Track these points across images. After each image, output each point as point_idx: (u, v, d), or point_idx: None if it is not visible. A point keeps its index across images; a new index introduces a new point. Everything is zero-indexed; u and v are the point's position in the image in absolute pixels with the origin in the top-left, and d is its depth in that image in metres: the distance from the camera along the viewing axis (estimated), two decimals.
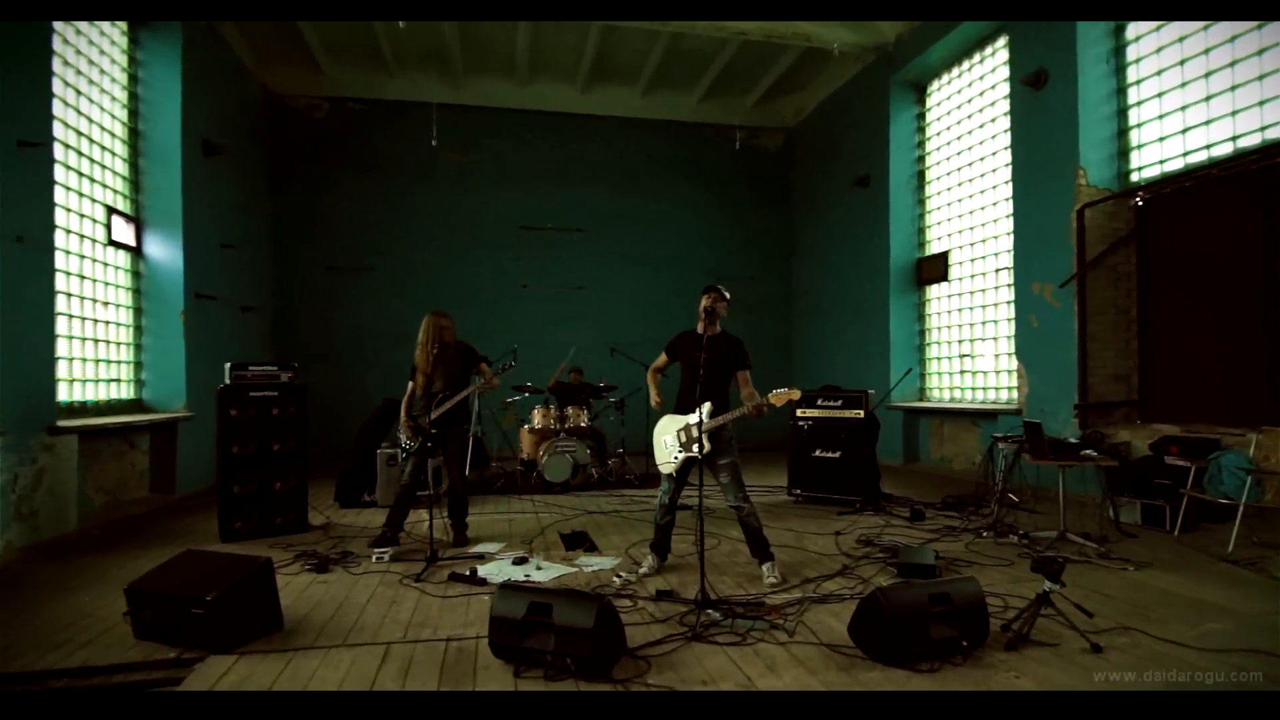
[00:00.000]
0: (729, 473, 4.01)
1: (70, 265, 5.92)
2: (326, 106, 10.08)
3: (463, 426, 4.98)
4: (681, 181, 11.07)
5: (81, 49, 6.11)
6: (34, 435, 4.77)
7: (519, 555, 4.38)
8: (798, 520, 5.58)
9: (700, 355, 3.97)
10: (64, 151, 5.82)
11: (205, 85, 7.64)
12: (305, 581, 4.01)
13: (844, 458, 6.12)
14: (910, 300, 8.81)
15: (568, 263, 10.67)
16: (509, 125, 10.55)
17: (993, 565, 4.18)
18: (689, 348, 4.03)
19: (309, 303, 9.88)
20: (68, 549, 4.86)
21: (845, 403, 6.21)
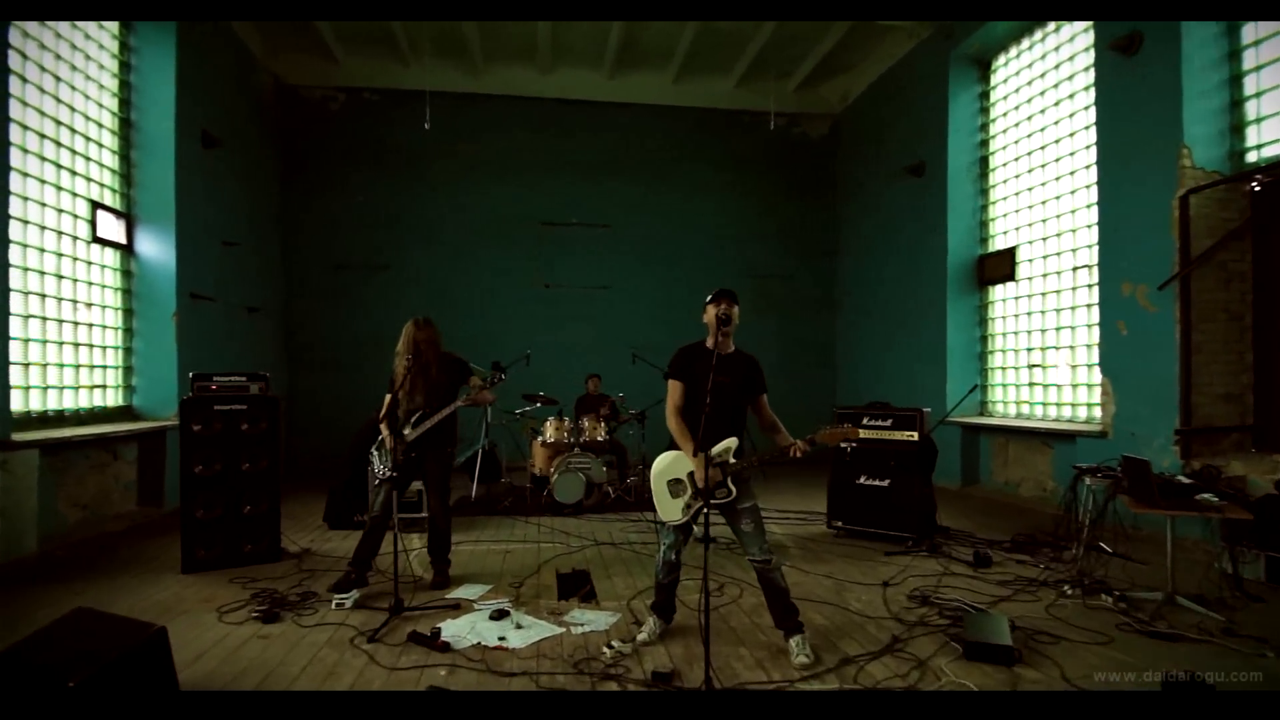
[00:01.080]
0: (752, 519, 3.27)
1: (48, 264, 5.52)
2: (342, 98, 9.63)
3: (447, 449, 4.33)
4: (714, 173, 10.27)
5: (63, 32, 5.70)
6: None
7: (499, 607, 3.70)
8: (838, 562, 4.76)
9: (720, 380, 3.19)
10: (40, 142, 5.43)
11: (205, 74, 7.22)
12: (244, 636, 3.41)
13: (894, 487, 5.27)
14: (970, 302, 7.84)
15: (591, 261, 9.99)
16: (531, 115, 9.93)
17: (1086, 642, 3.30)
18: (702, 369, 3.19)
19: (320, 303, 9.44)
20: (14, 576, 4.39)
21: (896, 423, 5.36)
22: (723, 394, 3.24)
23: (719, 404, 3.22)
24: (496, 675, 2.94)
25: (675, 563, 3.37)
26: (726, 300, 3.34)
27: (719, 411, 3.23)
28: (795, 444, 3.22)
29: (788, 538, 5.51)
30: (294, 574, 4.46)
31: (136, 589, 4.16)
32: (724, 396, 3.26)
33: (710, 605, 3.81)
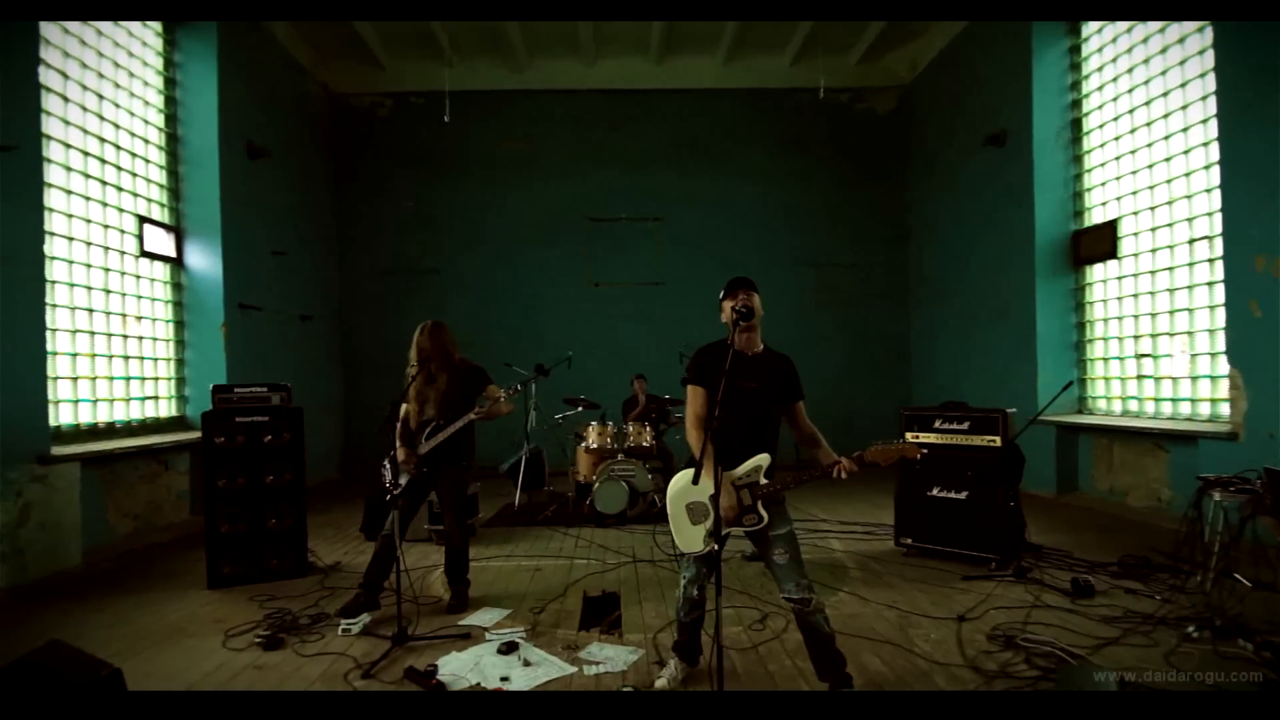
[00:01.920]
0: (786, 549, 2.74)
1: (96, 279, 5.61)
2: (389, 103, 9.61)
3: (461, 463, 4.02)
4: (771, 158, 9.65)
5: (105, 51, 5.78)
6: (17, 467, 4.34)
7: (510, 639, 3.34)
8: (905, 589, 4.15)
9: (745, 385, 2.77)
10: (84, 160, 5.51)
11: (250, 87, 7.27)
12: (240, 665, 3.19)
13: (972, 500, 4.59)
14: (1064, 285, 6.93)
15: (642, 256, 9.58)
16: (576, 108, 9.62)
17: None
18: (731, 373, 2.65)
19: (371, 309, 9.46)
20: (57, 589, 4.40)
21: (974, 426, 4.67)
22: (749, 402, 2.79)
23: (745, 414, 2.80)
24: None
25: (698, 599, 2.89)
26: (744, 290, 2.85)
27: (746, 422, 2.81)
28: (840, 462, 2.75)
29: (849, 556, 4.92)
30: (315, 591, 4.26)
31: (156, 607, 4.05)
32: (751, 405, 2.81)
33: (748, 643, 3.35)
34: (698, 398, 2.86)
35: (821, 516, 6.16)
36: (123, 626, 3.73)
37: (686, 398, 2.92)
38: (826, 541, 5.33)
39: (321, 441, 8.31)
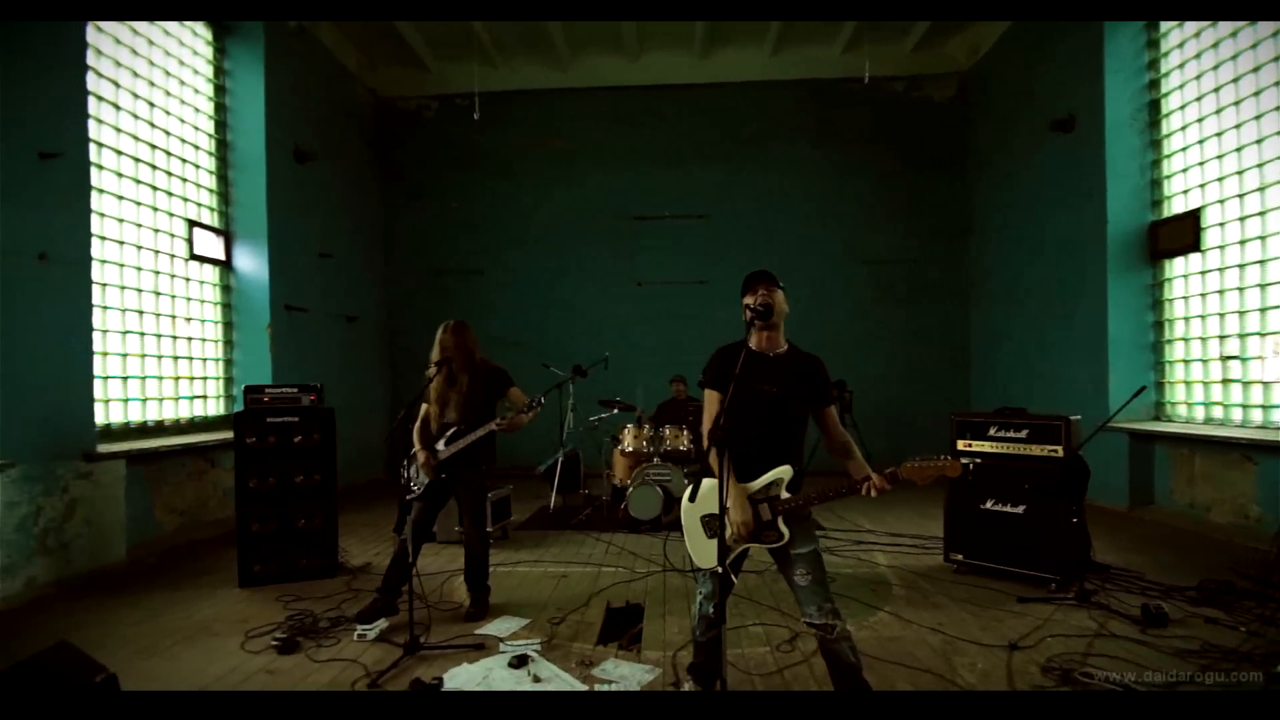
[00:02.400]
0: (809, 569, 2.51)
1: (147, 282, 5.79)
2: (436, 105, 9.70)
3: (481, 467, 3.92)
4: (819, 151, 9.28)
5: (157, 60, 5.97)
6: (63, 464, 4.49)
7: (521, 653, 3.21)
8: (953, 610, 3.83)
9: (763, 389, 2.56)
10: (135, 166, 5.69)
11: (298, 92, 7.42)
12: (253, 669, 3.16)
13: (1031, 515, 4.22)
14: (1139, 280, 6.39)
15: (686, 254, 9.37)
16: (620, 105, 9.49)
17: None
18: (747, 375, 2.49)
19: (418, 310, 9.55)
20: (100, 583, 4.53)
21: (1033, 434, 4.30)
22: (768, 407, 2.58)
23: (764, 420, 2.58)
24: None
25: (715, 618, 2.68)
26: (763, 285, 2.64)
27: (765, 430, 2.59)
28: (871, 479, 2.52)
29: (894, 572, 4.61)
30: (340, 593, 4.25)
31: (187, 604, 4.11)
32: (771, 410, 2.58)
33: (773, 666, 3.13)
34: (713, 403, 2.66)
35: (868, 527, 5.85)
36: (151, 623, 3.79)
37: (704, 402, 2.73)
38: (871, 555, 5.03)
39: (367, 440, 8.43)
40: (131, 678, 3.05)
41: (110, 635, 3.59)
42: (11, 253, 4.19)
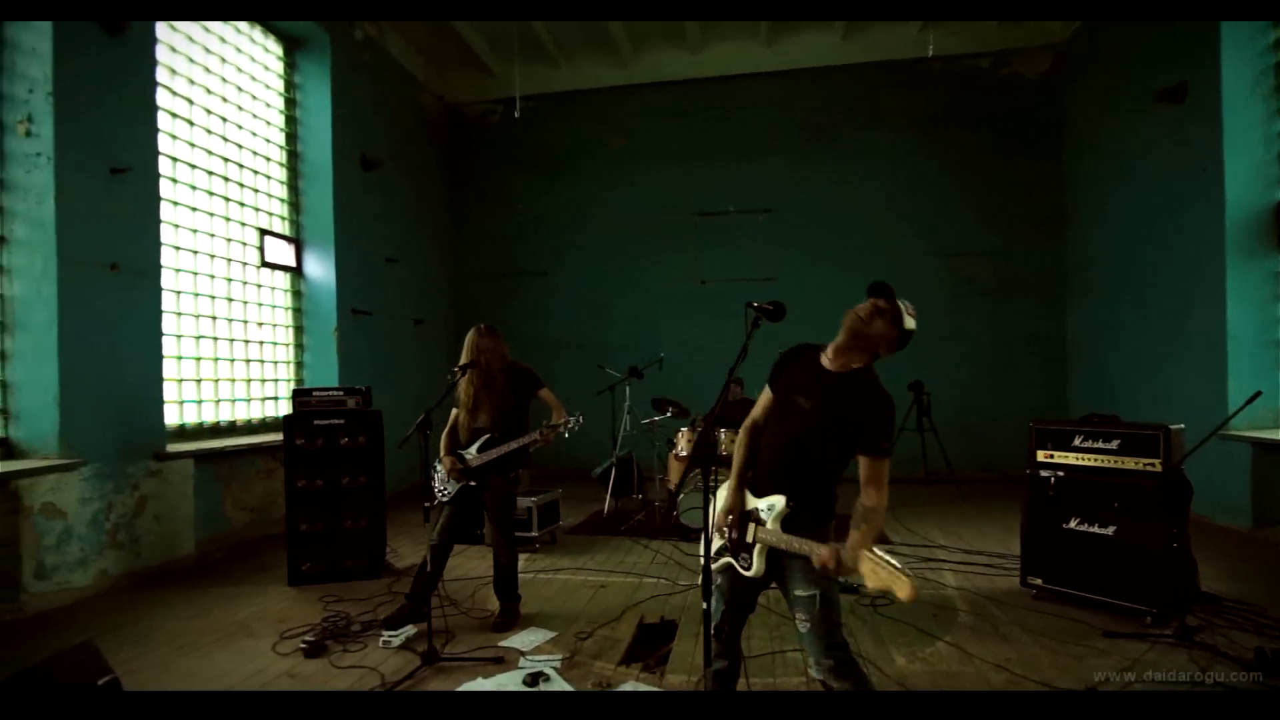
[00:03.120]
0: (807, 614, 2.17)
1: (218, 289, 6.08)
2: (500, 109, 9.78)
3: (509, 474, 3.82)
4: (895, 137, 8.71)
5: (229, 77, 6.26)
6: (135, 463, 4.74)
7: (538, 670, 3.07)
8: (1025, 644, 3.40)
9: (800, 400, 2.25)
10: (208, 178, 5.97)
11: (365, 102, 7.64)
12: (276, 673, 3.18)
13: (1122, 537, 3.71)
14: (1263, 268, 5.57)
15: (752, 251, 9.02)
16: (683, 99, 9.25)
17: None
18: (793, 380, 2.30)
19: (484, 313, 9.60)
20: (167, 577, 4.77)
21: (1126, 445, 3.77)
22: (794, 422, 2.24)
23: (785, 434, 2.27)
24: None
25: (727, 648, 2.42)
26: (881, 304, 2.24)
27: (781, 446, 2.27)
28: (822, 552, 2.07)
29: (962, 595, 4.17)
30: (380, 595, 4.27)
31: (236, 601, 4.24)
32: (794, 426, 2.23)
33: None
34: (763, 399, 2.43)
35: (941, 542, 5.38)
36: (200, 619, 3.91)
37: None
38: (940, 574, 4.58)
39: (436, 440, 8.59)
40: (165, 674, 3.13)
41: (159, 629, 3.73)
42: (85, 263, 4.45)
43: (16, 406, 4.30)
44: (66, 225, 4.33)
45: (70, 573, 4.26)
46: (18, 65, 4.30)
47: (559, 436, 3.81)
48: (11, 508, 3.98)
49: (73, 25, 4.39)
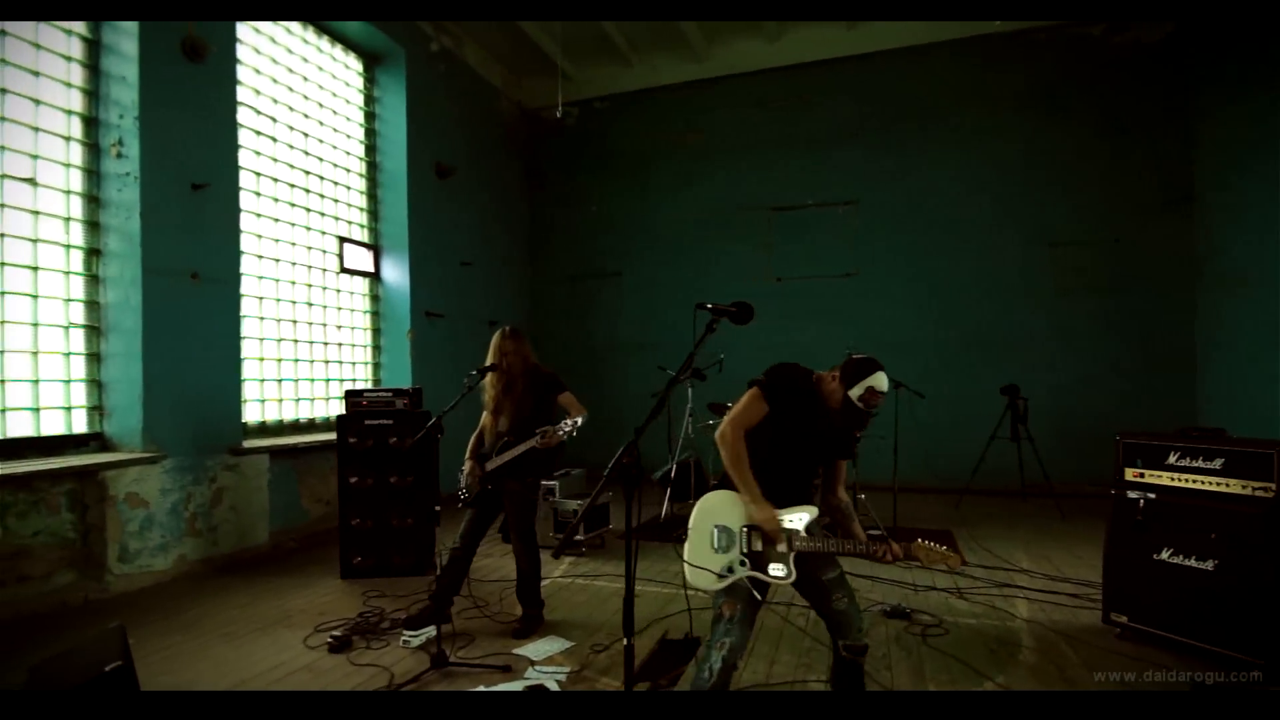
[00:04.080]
0: (845, 591, 2.41)
1: (299, 294, 6.47)
2: (576, 112, 9.85)
3: (527, 479, 3.77)
4: (991, 119, 7.98)
5: (311, 95, 6.65)
6: (213, 456, 5.11)
7: (539, 683, 2.99)
8: (1095, 687, 2.95)
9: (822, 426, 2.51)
10: (290, 190, 6.37)
11: (440, 112, 7.91)
12: (297, 666, 3.29)
13: (1224, 573, 3.14)
14: None
15: (832, 245, 8.56)
16: (759, 90, 8.92)
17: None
18: (806, 409, 2.50)
19: (559, 315, 9.79)
20: (241, 564, 5.11)
21: (1231, 464, 3.20)
22: (813, 447, 2.53)
23: (800, 456, 2.52)
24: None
25: (727, 668, 2.30)
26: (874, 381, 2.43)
27: (796, 466, 2.52)
28: (891, 545, 2.35)
29: (1032, 628, 3.70)
30: (420, 592, 4.32)
31: (287, 592, 4.46)
32: (811, 451, 2.53)
33: None
34: (756, 409, 2.47)
35: (1024, 566, 4.84)
36: (251, 607, 4.14)
37: (741, 401, 2.50)
38: (1013, 603, 4.10)
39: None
40: (199, 662, 3.31)
41: (209, 616, 3.98)
42: (167, 273, 4.84)
43: (109, 404, 4.74)
44: (150, 238, 4.73)
45: (151, 557, 4.65)
46: (111, 93, 4.74)
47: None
48: (99, 496, 4.39)
49: (157, 53, 4.79)
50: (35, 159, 4.45)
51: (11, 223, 4.32)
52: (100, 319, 4.74)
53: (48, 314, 4.51)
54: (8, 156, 4.31)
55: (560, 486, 5.47)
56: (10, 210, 4.32)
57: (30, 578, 4.12)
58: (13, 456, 4.20)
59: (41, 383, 4.46)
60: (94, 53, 4.76)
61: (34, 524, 4.16)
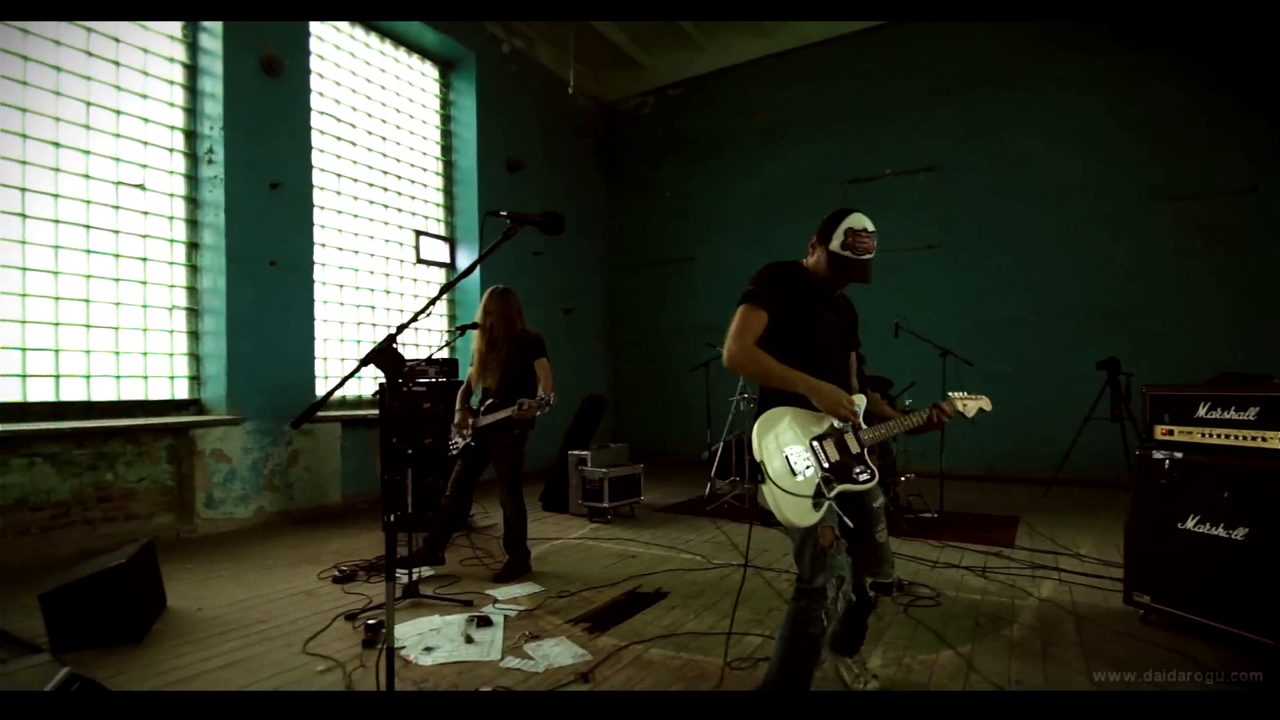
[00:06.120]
0: (885, 520, 2.31)
1: (376, 283, 7.14)
2: (651, 101, 9.99)
3: (513, 431, 3.93)
4: (1090, 65, 7.07)
5: (388, 102, 7.32)
6: (286, 422, 5.79)
7: (486, 615, 3.13)
8: (1079, 668, 2.60)
9: (831, 318, 2.34)
10: (368, 189, 7.06)
11: (511, 109, 8.37)
12: (299, 590, 3.68)
13: (1257, 543, 2.64)
14: None
15: (911, 216, 8.00)
16: (832, 58, 8.54)
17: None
18: (809, 301, 2.28)
19: (636, 301, 9.94)
20: (314, 518, 5.74)
21: (1265, 415, 2.68)
22: (832, 337, 2.33)
23: (828, 351, 2.29)
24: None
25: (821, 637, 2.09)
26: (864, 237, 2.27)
27: (827, 362, 2.25)
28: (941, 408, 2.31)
29: (1044, 606, 3.30)
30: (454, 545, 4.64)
31: (331, 537, 4.96)
32: (833, 341, 2.33)
33: None
34: (756, 320, 2.20)
35: (1081, 552, 4.30)
36: (296, 549, 4.65)
37: (736, 318, 2.23)
38: (1038, 583, 3.67)
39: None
40: (232, 587, 3.79)
41: (261, 553, 4.53)
42: (248, 261, 5.55)
43: (204, 374, 5.53)
44: (233, 231, 5.46)
45: (234, 506, 5.36)
46: (204, 109, 5.54)
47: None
48: (190, 451, 5.14)
49: (240, 71, 5.52)
50: (144, 168, 5.30)
51: (126, 222, 5.19)
52: (197, 302, 5.54)
53: (155, 298, 5.35)
54: (123, 168, 5.17)
55: (591, 457, 5.60)
56: (125, 212, 5.19)
57: (136, 516, 4.91)
58: (125, 416, 5.03)
59: (150, 355, 5.30)
60: (192, 76, 5.58)
61: (140, 472, 4.95)
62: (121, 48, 5.16)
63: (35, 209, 4.66)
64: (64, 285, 4.80)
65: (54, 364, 4.73)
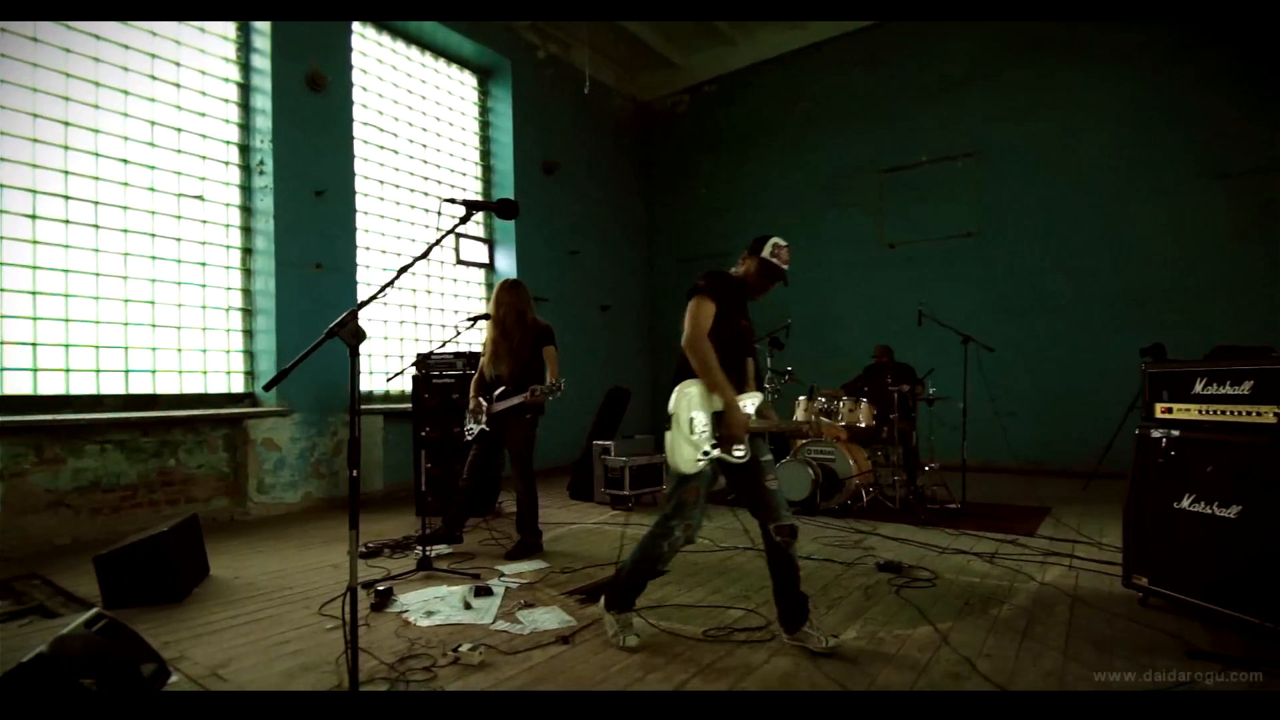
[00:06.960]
0: (776, 473, 2.71)
1: (417, 284, 7.51)
2: (687, 99, 10.09)
3: (526, 414, 4.12)
4: (1138, 39, 6.77)
5: (427, 110, 7.70)
6: (333, 414, 6.18)
7: (488, 586, 3.33)
8: (1056, 645, 2.58)
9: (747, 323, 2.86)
10: (410, 194, 7.44)
11: (547, 113, 8.64)
12: (326, 563, 3.98)
13: (1248, 523, 2.55)
14: None
15: (949, 204, 7.83)
16: (870, 45, 8.43)
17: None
18: (738, 305, 2.80)
19: (672, 298, 10.03)
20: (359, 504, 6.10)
21: (1260, 389, 2.59)
22: (749, 339, 2.83)
23: (745, 350, 2.80)
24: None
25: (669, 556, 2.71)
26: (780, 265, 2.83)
27: (743, 359, 2.79)
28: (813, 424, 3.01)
29: (1042, 589, 3.25)
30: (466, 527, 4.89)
31: (370, 520, 5.26)
32: (749, 342, 2.83)
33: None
34: (707, 311, 2.63)
35: (1084, 535, 4.19)
36: (334, 529, 4.99)
37: (691, 309, 2.65)
38: (1046, 569, 3.60)
39: (630, 418, 9.23)
40: (266, 557, 4.13)
41: (303, 533, 4.88)
42: (295, 264, 5.97)
43: (258, 370, 5.98)
44: (281, 236, 5.89)
45: (283, 491, 5.78)
46: (255, 124, 5.99)
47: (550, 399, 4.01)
48: (244, 439, 5.58)
49: (287, 87, 5.95)
50: (203, 180, 5.78)
51: (187, 231, 5.67)
52: (250, 302, 5.99)
53: (213, 299, 5.82)
54: (184, 180, 5.66)
55: (616, 447, 5.75)
56: (187, 221, 5.68)
57: (195, 500, 5.36)
58: (187, 408, 5.50)
59: (209, 352, 5.78)
60: (245, 94, 6.05)
61: (199, 459, 5.41)
62: (182, 71, 5.64)
63: (106, 220, 5.17)
64: (132, 289, 5.30)
65: (124, 360, 5.23)
